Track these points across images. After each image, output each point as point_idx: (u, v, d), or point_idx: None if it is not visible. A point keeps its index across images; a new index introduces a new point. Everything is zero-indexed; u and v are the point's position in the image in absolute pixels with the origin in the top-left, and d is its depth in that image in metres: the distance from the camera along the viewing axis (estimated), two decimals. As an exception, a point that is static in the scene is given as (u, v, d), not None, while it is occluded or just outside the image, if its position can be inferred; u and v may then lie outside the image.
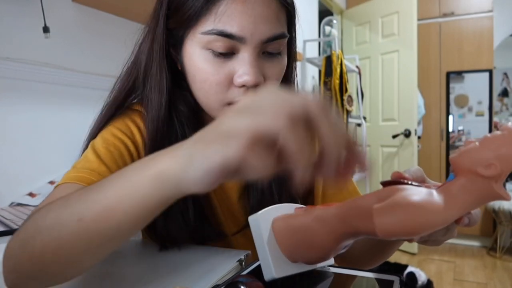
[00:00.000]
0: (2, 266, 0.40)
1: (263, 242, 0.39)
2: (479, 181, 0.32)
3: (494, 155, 0.31)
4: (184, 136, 0.57)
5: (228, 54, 0.50)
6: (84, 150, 0.58)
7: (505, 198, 0.32)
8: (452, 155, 0.34)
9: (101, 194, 0.35)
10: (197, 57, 0.51)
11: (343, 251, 0.39)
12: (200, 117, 0.60)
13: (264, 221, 0.40)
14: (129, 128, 0.58)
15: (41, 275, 0.38)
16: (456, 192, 0.32)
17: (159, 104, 0.55)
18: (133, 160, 0.56)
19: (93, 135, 0.58)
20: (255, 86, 0.51)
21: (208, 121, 0.62)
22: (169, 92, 0.56)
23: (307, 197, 0.67)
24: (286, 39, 0.54)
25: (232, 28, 0.48)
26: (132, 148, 0.57)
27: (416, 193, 0.32)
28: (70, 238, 0.35)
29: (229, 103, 0.53)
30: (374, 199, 0.34)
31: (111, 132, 0.57)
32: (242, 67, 0.50)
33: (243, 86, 0.51)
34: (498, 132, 0.32)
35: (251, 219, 0.40)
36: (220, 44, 0.49)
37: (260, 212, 0.40)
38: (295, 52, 0.61)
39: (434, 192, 0.33)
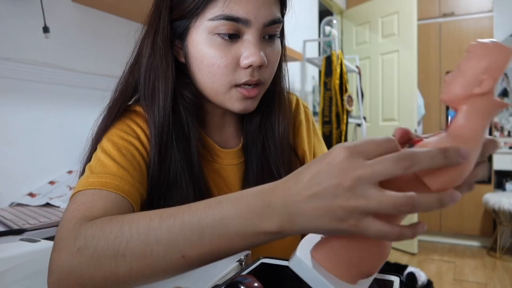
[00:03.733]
0: (53, 277, 0.39)
1: (318, 278, 0.35)
2: (478, 100, 0.33)
3: (480, 70, 0.32)
4: (187, 125, 0.60)
5: (234, 38, 0.55)
6: (90, 150, 0.58)
7: (505, 105, 0.33)
8: (441, 95, 0.34)
9: (205, 239, 0.36)
10: (204, 43, 0.55)
11: None
12: (201, 105, 0.63)
13: (306, 259, 0.36)
14: (133, 129, 0.59)
15: None
16: (465, 121, 0.33)
17: (165, 91, 0.58)
18: (144, 160, 0.57)
19: (101, 132, 0.58)
20: (260, 66, 0.56)
21: (208, 109, 0.65)
22: (174, 81, 0.59)
23: None
24: (281, 24, 0.59)
25: (238, 12, 0.53)
26: (141, 148, 0.57)
27: (438, 143, 0.33)
28: (168, 269, 0.38)
29: (236, 85, 0.57)
30: None
31: (117, 134, 0.57)
32: (248, 49, 0.55)
33: (249, 67, 0.55)
34: (467, 55, 0.33)
35: (293, 263, 0.36)
36: (227, 28, 0.54)
37: (296, 251, 0.36)
38: (285, 45, 0.65)
39: (446, 135, 0.34)
